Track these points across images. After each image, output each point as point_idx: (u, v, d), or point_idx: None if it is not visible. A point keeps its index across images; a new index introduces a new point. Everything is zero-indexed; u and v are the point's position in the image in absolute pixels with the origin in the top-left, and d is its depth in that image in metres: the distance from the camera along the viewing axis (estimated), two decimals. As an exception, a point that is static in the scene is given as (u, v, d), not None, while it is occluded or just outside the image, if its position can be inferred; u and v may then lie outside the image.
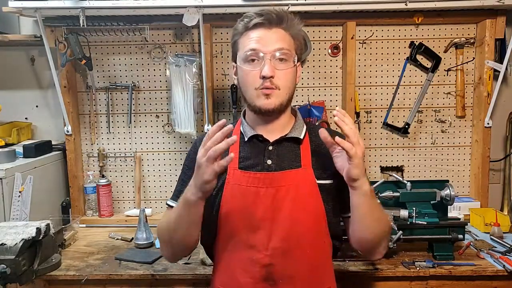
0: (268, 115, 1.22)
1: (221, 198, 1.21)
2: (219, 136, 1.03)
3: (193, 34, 2.22)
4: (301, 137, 1.25)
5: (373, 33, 2.20)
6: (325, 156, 1.24)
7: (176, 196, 1.31)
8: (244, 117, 1.31)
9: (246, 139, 1.26)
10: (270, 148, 1.23)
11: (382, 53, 2.23)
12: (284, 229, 1.16)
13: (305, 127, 1.29)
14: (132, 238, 1.98)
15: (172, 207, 1.28)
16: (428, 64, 2.23)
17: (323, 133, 1.15)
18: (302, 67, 1.28)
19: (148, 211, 2.18)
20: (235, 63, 1.26)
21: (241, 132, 1.28)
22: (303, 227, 1.18)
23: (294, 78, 1.24)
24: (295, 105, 2.21)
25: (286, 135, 1.25)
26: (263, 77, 1.16)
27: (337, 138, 1.08)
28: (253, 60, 1.18)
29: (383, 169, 2.29)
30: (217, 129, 1.04)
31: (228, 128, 1.03)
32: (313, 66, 2.24)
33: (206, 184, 1.06)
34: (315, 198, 1.19)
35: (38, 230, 1.58)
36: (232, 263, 1.21)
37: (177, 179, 1.35)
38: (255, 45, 1.17)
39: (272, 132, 1.25)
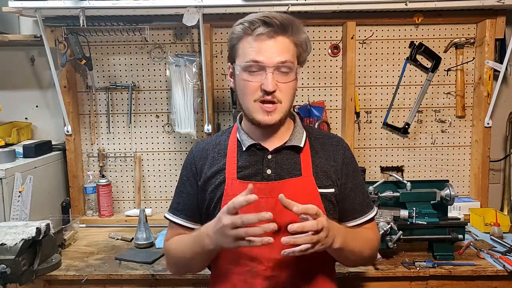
0: (268, 128, 1.19)
1: (219, 210, 1.15)
2: (252, 219, 0.98)
3: (193, 34, 2.22)
4: (301, 145, 1.21)
5: (373, 33, 2.20)
6: (326, 164, 1.22)
7: (174, 209, 1.29)
8: (240, 122, 1.26)
9: (244, 148, 1.21)
10: (269, 157, 1.19)
11: (382, 53, 2.23)
12: None
13: (304, 133, 1.25)
14: (132, 238, 1.98)
15: (173, 222, 1.28)
16: (428, 64, 2.23)
17: (282, 200, 1.02)
18: (302, 67, 1.21)
19: (148, 211, 2.18)
20: (232, 64, 1.20)
21: (237, 139, 1.24)
22: None
23: (295, 88, 1.19)
24: (295, 105, 2.22)
25: (286, 143, 1.21)
26: (264, 91, 1.11)
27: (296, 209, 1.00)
28: (253, 70, 1.12)
29: (383, 169, 2.29)
30: (245, 202, 0.98)
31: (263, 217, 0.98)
32: (313, 66, 2.24)
33: (227, 248, 1.05)
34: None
35: (38, 230, 1.58)
36: (233, 276, 1.18)
37: (176, 180, 1.33)
38: (258, 56, 1.11)
39: (271, 140, 1.21)
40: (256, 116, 1.15)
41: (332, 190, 1.20)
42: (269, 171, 1.18)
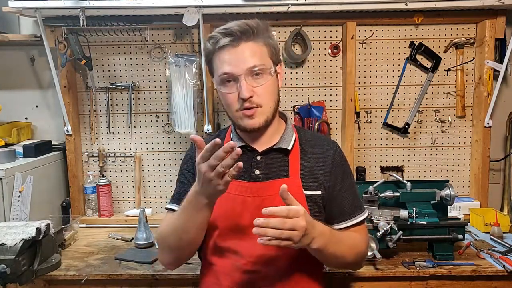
0: (255, 132, 1.22)
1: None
2: (222, 154, 1.00)
3: (193, 34, 2.22)
4: (289, 148, 1.25)
5: (373, 33, 2.20)
6: (315, 166, 1.24)
7: (176, 199, 1.30)
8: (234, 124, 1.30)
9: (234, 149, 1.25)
10: (258, 158, 1.24)
11: (382, 53, 2.23)
12: None
13: (294, 135, 1.28)
14: (132, 238, 1.98)
15: (173, 210, 1.27)
16: (428, 64, 2.23)
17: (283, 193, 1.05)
18: (280, 63, 1.25)
19: (148, 211, 2.18)
20: (212, 78, 1.26)
21: (231, 140, 1.28)
22: None
23: (276, 87, 1.22)
24: (295, 105, 2.22)
25: (274, 145, 1.25)
26: (242, 99, 1.15)
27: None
28: (228, 81, 1.17)
29: (383, 169, 2.29)
30: (212, 147, 1.00)
31: (232, 145, 1.00)
32: (313, 66, 2.24)
33: (220, 193, 1.06)
34: None
35: (38, 230, 1.58)
36: (217, 268, 1.24)
37: (176, 180, 1.35)
38: (227, 68, 1.16)
39: (260, 142, 1.25)
40: (242, 123, 1.20)
41: (319, 192, 1.23)
42: (257, 172, 1.23)
